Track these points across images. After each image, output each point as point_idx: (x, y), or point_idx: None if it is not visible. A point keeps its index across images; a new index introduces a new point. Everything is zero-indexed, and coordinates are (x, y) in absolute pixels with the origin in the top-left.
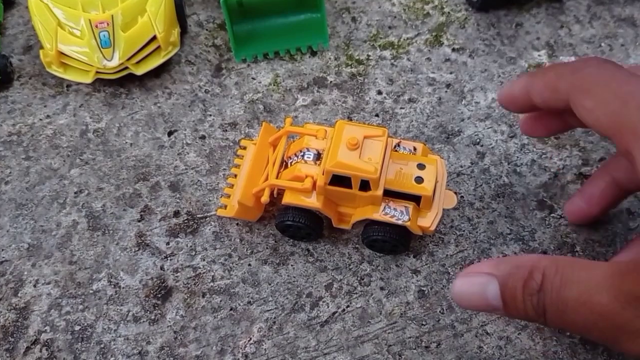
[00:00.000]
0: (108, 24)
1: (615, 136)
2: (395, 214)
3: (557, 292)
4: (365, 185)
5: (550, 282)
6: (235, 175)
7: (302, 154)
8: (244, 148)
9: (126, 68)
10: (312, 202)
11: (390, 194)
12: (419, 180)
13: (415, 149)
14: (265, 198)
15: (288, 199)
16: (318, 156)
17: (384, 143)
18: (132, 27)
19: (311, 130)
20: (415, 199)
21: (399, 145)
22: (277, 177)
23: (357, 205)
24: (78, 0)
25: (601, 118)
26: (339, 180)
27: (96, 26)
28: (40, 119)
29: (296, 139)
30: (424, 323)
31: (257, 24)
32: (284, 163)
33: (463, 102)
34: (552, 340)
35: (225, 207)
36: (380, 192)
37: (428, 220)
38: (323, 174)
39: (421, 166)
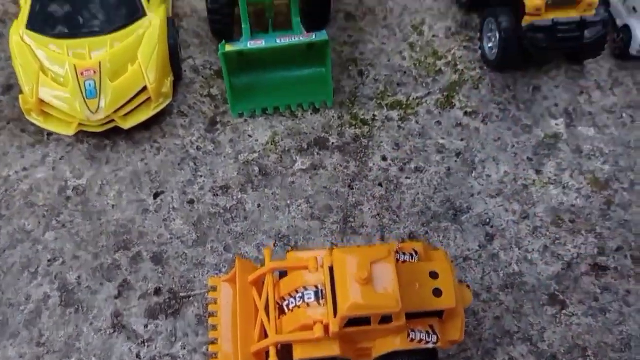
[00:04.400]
0: (95, 72)
1: None
2: (423, 336)
3: None
4: (386, 319)
5: None
6: (216, 327)
7: (300, 295)
8: (215, 289)
9: (112, 121)
10: (329, 349)
11: (411, 316)
12: (438, 292)
13: (416, 252)
14: (273, 356)
15: (301, 353)
16: (320, 294)
17: (393, 265)
18: (121, 76)
19: (299, 262)
20: (438, 313)
21: (398, 253)
22: (277, 329)
23: (377, 336)
24: (64, 42)
25: None
26: (356, 320)
27: (82, 74)
28: (17, 172)
29: (282, 276)
30: None
31: (257, 76)
32: (278, 307)
33: (473, 174)
34: None
35: None
36: (403, 321)
37: (456, 331)
38: (336, 319)
39: (434, 275)
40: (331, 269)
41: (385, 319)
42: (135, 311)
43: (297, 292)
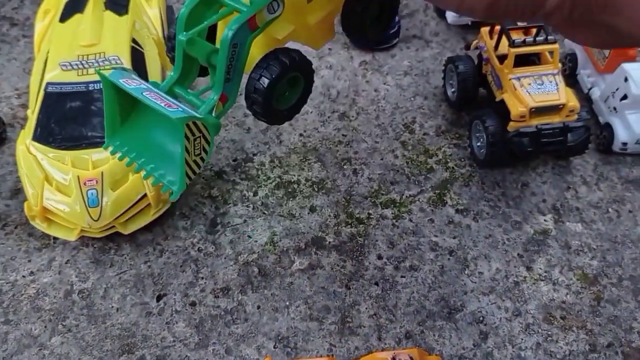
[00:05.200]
0: (97, 182)
1: None
2: None
3: None
4: None
5: None
6: None
7: None
8: None
9: (113, 226)
10: None
11: None
12: None
13: (411, 358)
14: None
15: None
16: None
17: None
18: (122, 184)
19: None
20: None
21: (394, 359)
22: None
23: None
24: (67, 153)
25: None
26: None
27: (84, 183)
28: (24, 276)
29: None
30: None
31: (131, 119)
32: None
33: (466, 272)
34: None
35: None
36: None
37: None
38: None
39: None
40: None
41: None
42: None
43: None
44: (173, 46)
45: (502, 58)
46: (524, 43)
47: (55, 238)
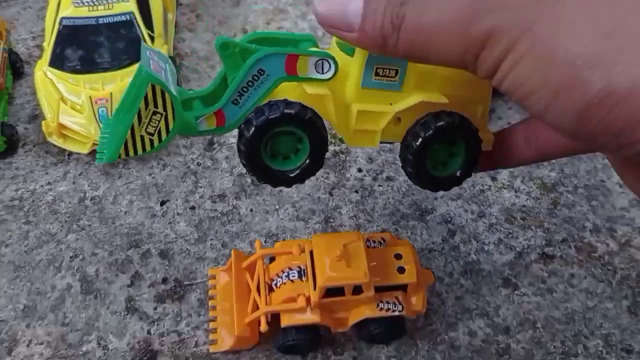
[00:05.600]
0: (107, 101)
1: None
2: (390, 306)
3: (420, 6)
4: (357, 290)
5: None
6: (215, 307)
7: (285, 274)
8: (214, 277)
9: None
10: (310, 317)
11: (379, 289)
12: (401, 270)
13: (383, 239)
14: (264, 327)
15: (287, 321)
16: (302, 272)
17: (362, 246)
18: None
19: (285, 248)
20: (402, 287)
21: (368, 240)
22: (267, 302)
23: (351, 307)
24: (80, 77)
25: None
26: (332, 291)
27: (95, 102)
28: (42, 186)
29: (271, 262)
30: None
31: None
32: (268, 286)
33: None
34: None
35: (216, 341)
36: (372, 292)
37: (418, 303)
38: (316, 290)
39: (398, 256)
40: (311, 253)
41: (357, 290)
42: (146, 297)
43: (283, 272)
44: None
45: None
46: None
47: (69, 154)
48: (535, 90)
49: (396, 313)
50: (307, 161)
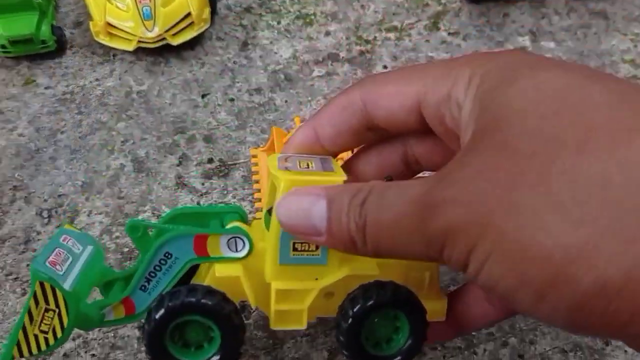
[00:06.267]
0: (150, 0)
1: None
2: None
3: (380, 197)
4: None
5: (376, 191)
6: (258, 181)
7: None
8: (255, 156)
9: (164, 39)
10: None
11: None
12: None
13: None
14: None
15: None
16: None
17: None
18: (170, 4)
19: None
20: None
21: None
22: None
23: None
24: None
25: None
26: None
27: (140, 2)
28: (90, 82)
29: None
30: None
31: None
32: None
33: None
34: None
35: (261, 209)
36: None
37: None
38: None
39: None
40: None
41: None
42: (194, 174)
43: None
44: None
45: None
46: None
47: (114, 55)
48: (517, 289)
49: None
50: (221, 352)
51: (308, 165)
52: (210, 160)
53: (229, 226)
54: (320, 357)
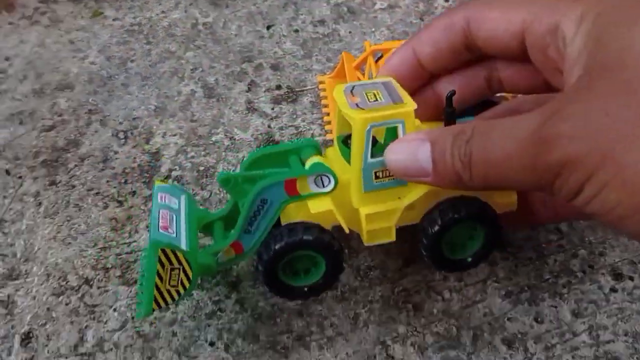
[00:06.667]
0: None
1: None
2: None
3: (485, 137)
4: None
5: (480, 131)
6: (327, 106)
7: None
8: (323, 82)
9: None
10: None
11: None
12: None
13: None
14: None
15: None
16: None
17: None
18: None
19: (395, 43)
20: None
21: None
22: None
23: None
24: None
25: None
26: None
27: None
28: (157, 14)
29: (377, 60)
30: None
31: None
32: None
33: None
34: None
35: (331, 131)
36: None
37: None
38: None
39: None
40: None
41: None
42: (263, 99)
43: None
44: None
45: None
46: None
47: None
48: (631, 215)
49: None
50: (323, 278)
51: (376, 97)
52: (279, 87)
53: (309, 162)
54: (395, 265)
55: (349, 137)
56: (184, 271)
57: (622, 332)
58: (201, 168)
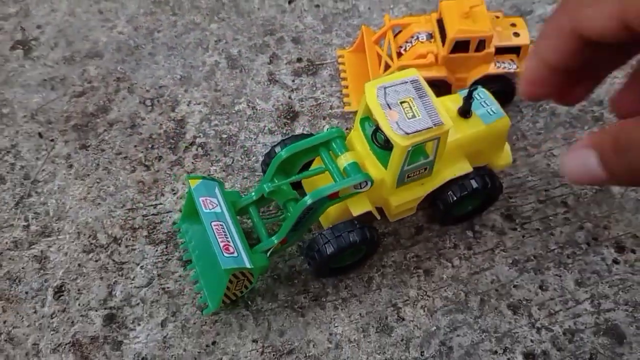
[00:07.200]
0: None
1: None
2: (506, 65)
3: None
4: (480, 46)
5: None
6: (346, 79)
7: (415, 37)
8: (342, 56)
9: None
10: (438, 71)
11: (497, 51)
12: (516, 35)
13: (497, 17)
14: None
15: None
16: (430, 36)
17: (485, 9)
18: None
19: (412, 20)
20: (516, 49)
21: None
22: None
23: (472, 67)
24: None
25: None
26: (459, 46)
27: None
28: None
29: (399, 31)
30: None
31: None
32: (397, 53)
33: None
34: None
35: (350, 103)
36: (493, 48)
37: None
38: (445, 44)
39: (513, 25)
40: (438, 21)
41: (480, 46)
42: (284, 71)
43: (412, 37)
44: (267, 163)
45: None
46: None
47: None
48: None
49: (512, 71)
50: (363, 256)
51: (412, 111)
52: (299, 60)
53: (343, 162)
54: (408, 233)
55: (375, 127)
56: (248, 278)
57: (622, 302)
58: (224, 136)
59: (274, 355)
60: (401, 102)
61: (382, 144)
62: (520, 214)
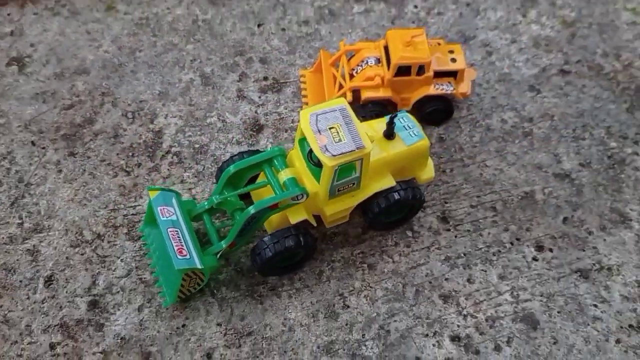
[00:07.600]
0: None
1: None
2: (444, 87)
3: None
4: (420, 70)
5: None
6: (306, 96)
7: (365, 61)
8: (304, 76)
9: None
10: (384, 92)
11: (436, 75)
12: (453, 60)
13: (439, 43)
14: (349, 98)
15: (365, 94)
16: (378, 61)
17: (425, 39)
18: None
19: (364, 45)
20: (453, 73)
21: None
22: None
23: (414, 89)
24: None
25: None
26: (402, 70)
27: None
28: (162, 10)
29: (352, 56)
30: (441, 157)
31: None
32: (350, 75)
33: (478, 17)
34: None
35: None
36: (432, 72)
37: (465, 87)
38: (390, 69)
39: (451, 51)
40: (385, 47)
41: (420, 71)
42: (252, 88)
43: (362, 61)
44: (218, 177)
45: None
46: None
47: None
48: None
49: (449, 92)
50: (301, 259)
51: (339, 136)
52: (266, 78)
53: (283, 176)
54: (355, 232)
55: (309, 149)
56: (200, 277)
57: (538, 293)
58: (197, 145)
59: (235, 336)
60: (330, 128)
61: (316, 162)
62: (454, 216)
